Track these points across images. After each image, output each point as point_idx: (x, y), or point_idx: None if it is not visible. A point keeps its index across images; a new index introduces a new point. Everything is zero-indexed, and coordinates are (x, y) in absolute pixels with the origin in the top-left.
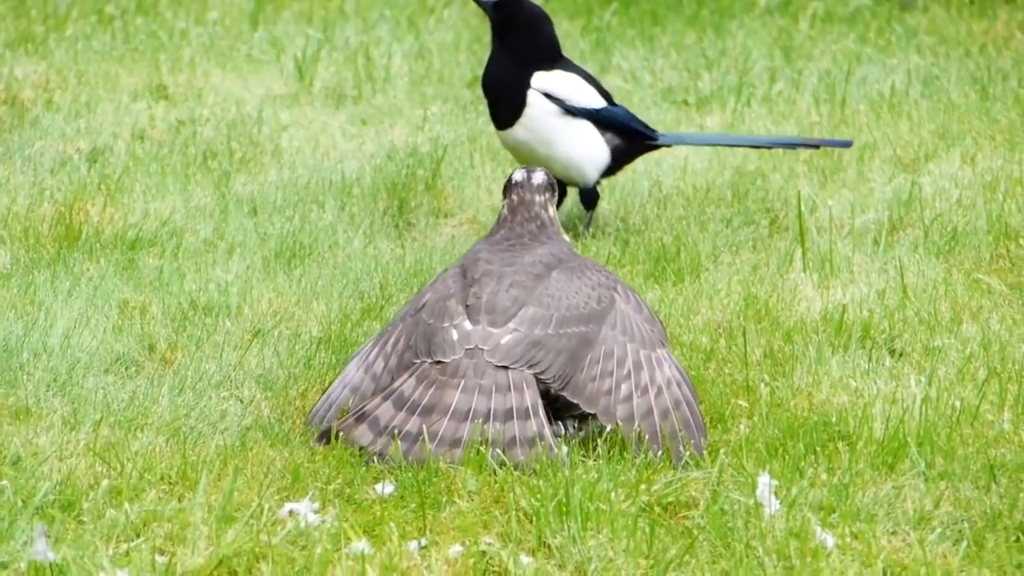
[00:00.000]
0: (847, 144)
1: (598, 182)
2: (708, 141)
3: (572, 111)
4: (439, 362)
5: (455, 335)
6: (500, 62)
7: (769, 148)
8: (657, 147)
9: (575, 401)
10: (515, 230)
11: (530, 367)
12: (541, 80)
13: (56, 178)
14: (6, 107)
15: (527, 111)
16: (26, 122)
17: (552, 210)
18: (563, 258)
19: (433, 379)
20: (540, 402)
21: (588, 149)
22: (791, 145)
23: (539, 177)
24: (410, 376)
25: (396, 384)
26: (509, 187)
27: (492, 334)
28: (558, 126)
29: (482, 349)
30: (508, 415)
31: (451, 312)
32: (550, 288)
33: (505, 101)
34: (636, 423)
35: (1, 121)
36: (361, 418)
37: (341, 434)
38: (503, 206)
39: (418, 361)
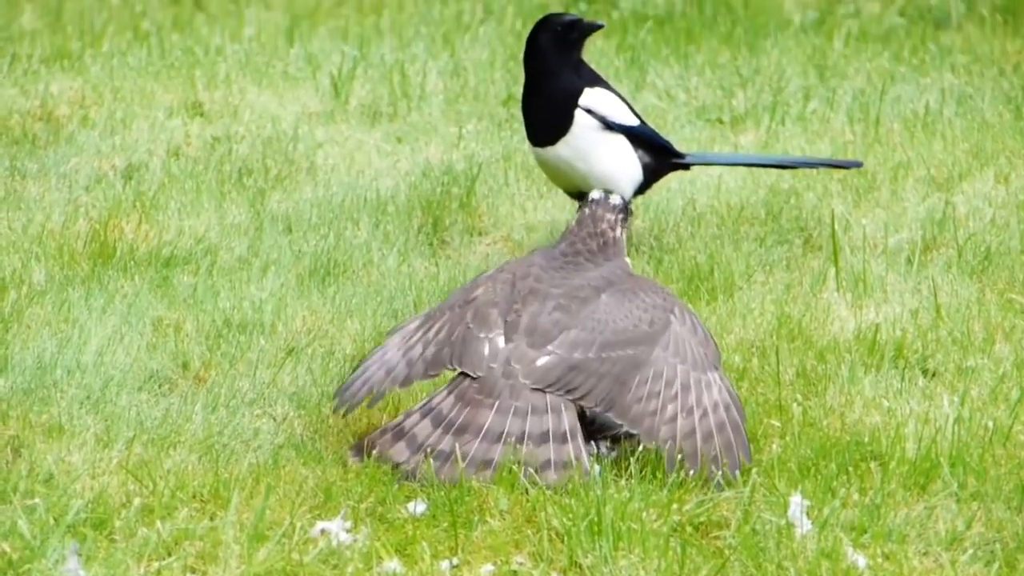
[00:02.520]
0: (857, 164)
1: (631, 200)
2: (731, 160)
3: (611, 127)
4: (476, 377)
5: (486, 350)
6: (542, 80)
7: (781, 168)
8: (682, 166)
9: (620, 421)
10: (575, 245)
11: (568, 392)
12: (587, 98)
13: (91, 195)
14: (42, 123)
15: (572, 129)
16: (61, 138)
17: (619, 230)
18: (614, 280)
19: (470, 398)
20: (578, 425)
21: (624, 165)
22: (807, 164)
23: (616, 199)
24: (449, 393)
25: (436, 400)
26: (583, 199)
27: (528, 355)
28: (598, 141)
29: (516, 368)
30: (543, 437)
31: (490, 323)
32: (597, 311)
33: (551, 119)
34: (677, 443)
35: (37, 137)
36: (399, 435)
37: (377, 449)
38: (574, 218)
39: (450, 366)
